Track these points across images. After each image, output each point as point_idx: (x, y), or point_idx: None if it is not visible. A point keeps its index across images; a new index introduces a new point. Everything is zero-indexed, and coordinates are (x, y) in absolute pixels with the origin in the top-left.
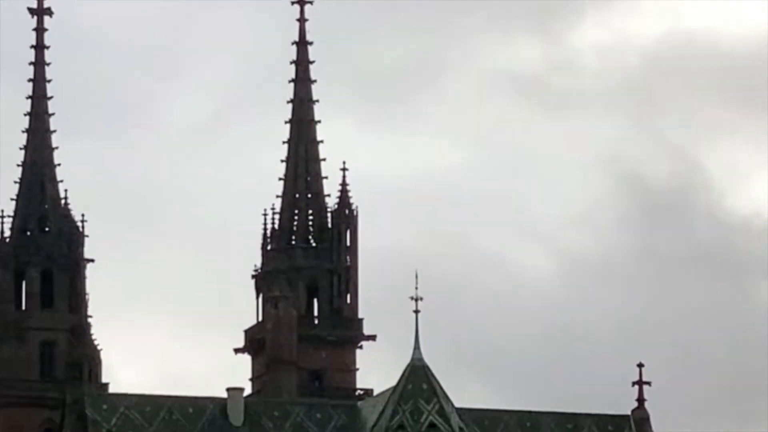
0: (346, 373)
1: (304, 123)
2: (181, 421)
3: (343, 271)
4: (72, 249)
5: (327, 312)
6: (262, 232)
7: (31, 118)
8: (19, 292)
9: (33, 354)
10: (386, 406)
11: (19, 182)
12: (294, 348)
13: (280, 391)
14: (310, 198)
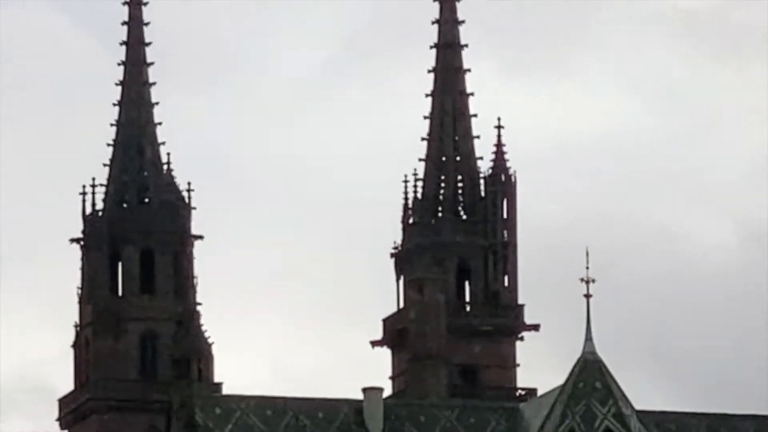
0: (505, 370)
1: (450, 72)
2: (309, 427)
3: (499, 248)
4: (177, 224)
5: (481, 297)
6: (403, 203)
7: (126, 68)
8: (115, 275)
9: (132, 349)
10: (553, 408)
11: (114, 144)
12: (442, 340)
13: (426, 392)
14: (459, 161)
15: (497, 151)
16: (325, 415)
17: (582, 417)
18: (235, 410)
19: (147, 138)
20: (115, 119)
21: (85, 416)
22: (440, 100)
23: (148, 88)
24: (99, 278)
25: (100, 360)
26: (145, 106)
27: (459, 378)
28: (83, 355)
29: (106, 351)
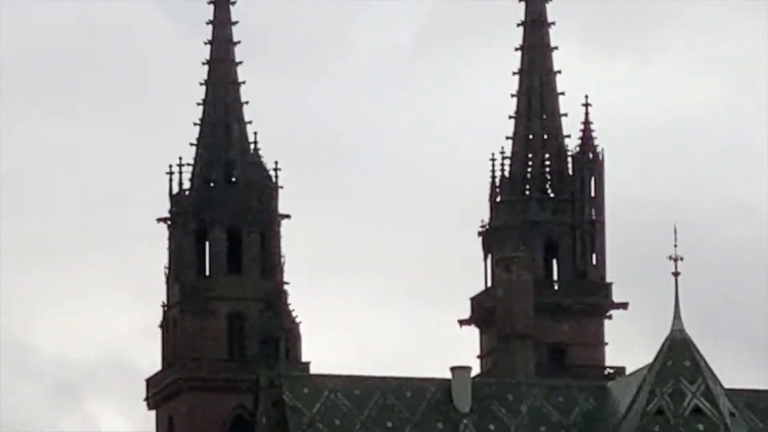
0: (593, 348)
1: (537, 49)
2: (398, 406)
3: (587, 227)
4: (264, 203)
5: (569, 275)
6: (490, 181)
7: (213, 47)
8: (202, 255)
9: (220, 329)
10: (641, 387)
11: (200, 124)
12: (530, 319)
13: (515, 371)
14: (547, 139)
15: (585, 128)
16: (413, 395)
17: (671, 395)
18: (323, 390)
19: (234, 117)
20: (202, 98)
21: (173, 396)
22: (528, 78)
23: (235, 67)
24: (186, 258)
25: (188, 340)
26: (231, 85)
27: (547, 357)
28: (171, 334)
29: (193, 331)
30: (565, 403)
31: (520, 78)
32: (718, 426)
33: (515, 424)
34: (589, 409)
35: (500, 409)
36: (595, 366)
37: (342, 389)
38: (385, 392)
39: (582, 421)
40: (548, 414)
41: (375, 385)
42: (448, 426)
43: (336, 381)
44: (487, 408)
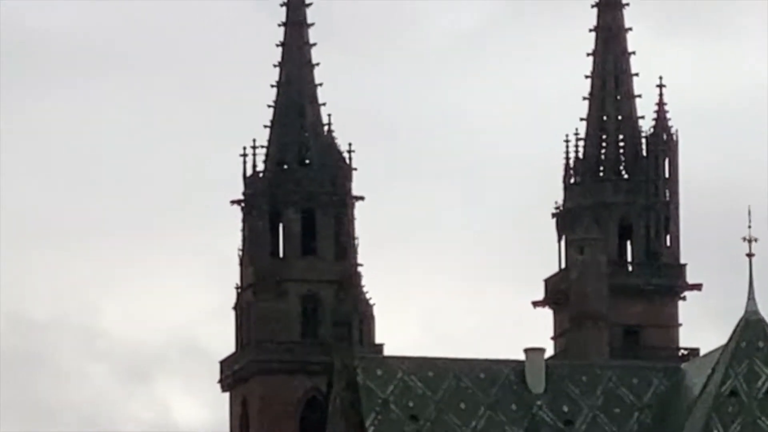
0: (667, 330)
1: (612, 31)
2: (471, 388)
3: (661, 208)
4: (338, 185)
5: (643, 257)
6: (564, 163)
7: (287, 29)
8: (276, 237)
9: (294, 311)
10: (715, 368)
11: (274, 106)
12: (604, 300)
13: (588, 352)
14: (621, 120)
15: (659, 110)
16: (487, 376)
17: (745, 377)
18: (397, 372)
19: (308, 99)
20: (276, 80)
21: (247, 378)
22: (602, 60)
23: (309, 49)
24: (260, 240)
25: (262, 322)
26: (305, 66)
27: (621, 338)
28: (244, 317)
29: (267, 313)
30: (638, 385)
31: (594, 59)
32: None
33: (589, 406)
34: (663, 390)
35: (574, 391)
36: (668, 347)
37: (415, 371)
38: (458, 374)
39: (656, 403)
40: (623, 395)
41: (448, 367)
42: (522, 407)
43: (409, 363)
44: (561, 389)
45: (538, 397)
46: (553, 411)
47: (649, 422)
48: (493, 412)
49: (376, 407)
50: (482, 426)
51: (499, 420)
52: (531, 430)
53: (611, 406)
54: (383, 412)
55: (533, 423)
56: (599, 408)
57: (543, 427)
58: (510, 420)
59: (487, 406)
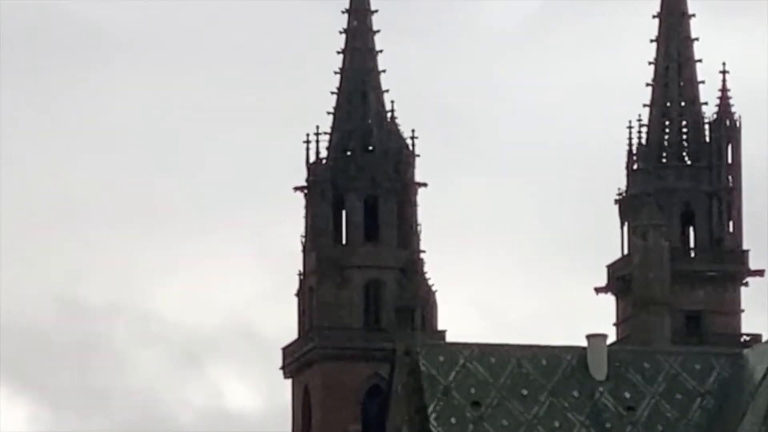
0: (730, 316)
1: (675, 17)
2: (533, 374)
3: (724, 194)
4: (401, 171)
5: (706, 243)
6: (627, 149)
7: (350, 17)
8: (338, 223)
9: (356, 297)
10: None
11: (337, 93)
12: (666, 286)
13: (651, 338)
14: (684, 107)
15: (722, 96)
16: (549, 362)
17: None
18: (459, 358)
19: (371, 86)
20: (339, 67)
21: (309, 365)
22: (665, 46)
23: (372, 36)
24: (323, 226)
25: (324, 308)
26: (369, 53)
27: (683, 324)
28: (307, 303)
29: (330, 299)
30: (701, 371)
31: (657, 45)
32: None
33: (651, 392)
34: (726, 376)
35: (636, 377)
36: (731, 333)
37: (477, 357)
38: (520, 360)
39: (718, 389)
40: (685, 381)
41: (510, 353)
42: (584, 394)
43: (471, 349)
44: (623, 376)
45: (600, 383)
46: (615, 397)
47: (711, 408)
48: (554, 398)
49: (438, 394)
50: (544, 412)
51: (560, 406)
52: (593, 416)
53: (673, 392)
54: (445, 399)
55: (595, 409)
56: (661, 394)
57: (605, 413)
58: (572, 406)
59: (549, 393)
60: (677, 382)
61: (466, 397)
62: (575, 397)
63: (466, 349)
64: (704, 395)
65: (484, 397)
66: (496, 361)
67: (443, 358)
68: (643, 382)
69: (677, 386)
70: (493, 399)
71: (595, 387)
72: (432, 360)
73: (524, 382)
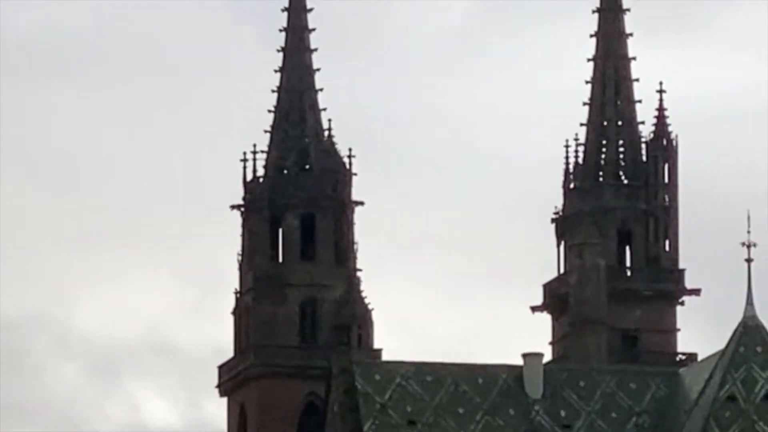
0: (666, 335)
1: (612, 36)
2: (469, 393)
3: (661, 213)
4: (338, 190)
5: (642, 262)
6: (564, 168)
7: (288, 34)
8: (275, 241)
9: (293, 315)
10: (713, 373)
11: (275, 111)
12: (603, 305)
13: (587, 357)
14: (621, 126)
15: (659, 115)
16: (485, 381)
17: (742, 382)
18: (395, 376)
19: (308, 104)
20: (277, 85)
21: (246, 383)
22: (602, 65)
23: (310, 54)
24: (260, 245)
25: (261, 327)
26: (306, 72)
27: (619, 343)
28: (243, 321)
29: (266, 317)
30: (637, 390)
31: (594, 64)
32: None
33: (587, 411)
34: (661, 395)
35: (572, 396)
36: (667, 352)
37: (414, 376)
38: (456, 379)
39: (654, 408)
40: (620, 400)
41: (446, 371)
42: (520, 412)
43: (408, 367)
44: (559, 394)
45: (536, 402)
46: (551, 416)
47: (647, 427)
48: (491, 417)
49: (375, 412)
50: (480, 431)
51: (496, 425)
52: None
53: (609, 411)
54: (381, 417)
55: (531, 428)
56: (597, 413)
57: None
58: (508, 425)
59: (485, 411)
60: (613, 400)
61: (402, 415)
62: (511, 415)
63: (402, 368)
64: (640, 414)
65: (420, 416)
66: (432, 380)
67: (379, 377)
68: (579, 401)
69: (613, 405)
70: (429, 417)
71: (531, 405)
72: (368, 378)
73: (460, 401)
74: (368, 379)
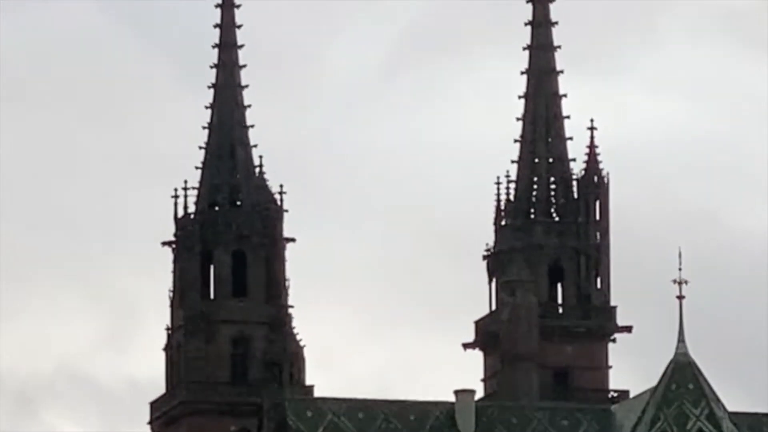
0: (597, 372)
1: (543, 73)
2: (401, 430)
3: (592, 251)
4: (269, 226)
5: (573, 299)
6: (495, 205)
7: (219, 72)
8: (206, 278)
9: (224, 352)
10: (645, 410)
11: (205, 147)
12: (534, 342)
13: (518, 394)
14: (552, 163)
15: (590, 152)
16: (417, 418)
17: (674, 419)
18: (327, 413)
19: (239, 141)
20: (208, 122)
21: (177, 419)
22: (533, 102)
23: (241, 91)
24: (191, 281)
25: (192, 363)
26: (237, 108)
27: (551, 380)
28: (175, 358)
29: (197, 354)
30: (568, 426)
31: (525, 101)
32: None
33: None
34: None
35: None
36: (599, 389)
37: (346, 412)
38: (388, 415)
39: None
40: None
41: (378, 408)
42: None
43: (340, 404)
44: (491, 431)
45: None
46: None
47: None
48: None
49: None
50: None
51: None
52: None
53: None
54: None
55: None
56: None
57: None
58: None
59: None
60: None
61: None
62: None
63: (334, 404)
64: None
65: None
66: (364, 417)
67: (311, 413)
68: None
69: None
70: None
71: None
72: (300, 415)
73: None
74: (300, 415)
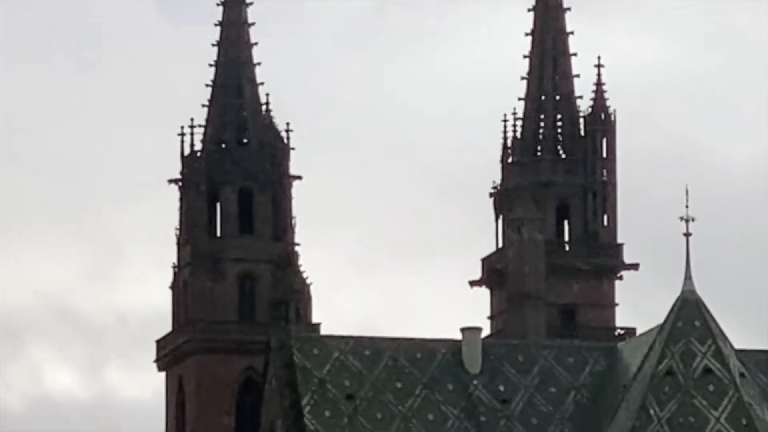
0: (604, 309)
1: (550, 10)
2: (408, 367)
3: (599, 188)
4: (275, 164)
5: (580, 236)
6: (502, 142)
7: (225, 9)
8: (213, 216)
9: (230, 290)
10: (652, 347)
11: (212, 85)
12: (541, 280)
13: (525, 332)
14: (559, 100)
15: (597, 89)
16: (423, 356)
17: (681, 356)
18: (333, 351)
19: (246, 78)
20: (214, 59)
21: (183, 358)
22: (540, 39)
23: (248, 28)
24: (197, 219)
25: (198, 301)
26: (244, 46)
27: (557, 318)
28: (181, 296)
29: (204, 292)
30: (575, 364)
31: (532, 39)
32: (728, 386)
33: (525, 385)
34: (599, 370)
35: (510, 370)
36: (605, 327)
37: (352, 350)
38: (395, 353)
39: (592, 382)
40: (559, 375)
41: (385, 346)
42: (458, 387)
43: (346, 342)
44: (497, 369)
45: (475, 376)
46: (490, 390)
47: (585, 402)
48: (429, 391)
49: (313, 387)
50: (418, 405)
51: (435, 399)
52: (467, 409)
53: (547, 385)
54: (319, 392)
55: (469, 402)
56: (535, 388)
57: (479, 406)
58: (446, 399)
59: (424, 386)
60: (551, 375)
61: (340, 390)
62: (450, 390)
63: (341, 342)
64: (578, 389)
65: (359, 390)
66: (370, 354)
67: (317, 351)
68: (518, 376)
69: (551, 380)
70: (368, 392)
71: (470, 380)
72: (306, 353)
73: (399, 375)
74: (306, 353)
